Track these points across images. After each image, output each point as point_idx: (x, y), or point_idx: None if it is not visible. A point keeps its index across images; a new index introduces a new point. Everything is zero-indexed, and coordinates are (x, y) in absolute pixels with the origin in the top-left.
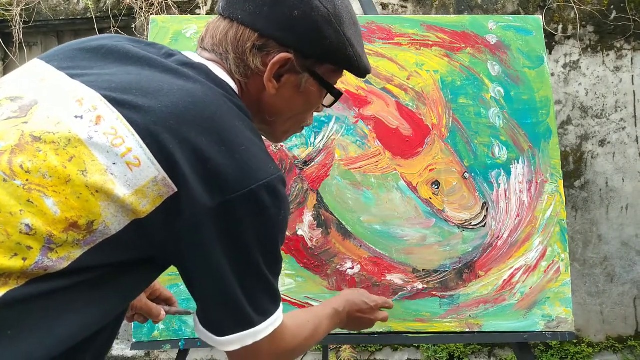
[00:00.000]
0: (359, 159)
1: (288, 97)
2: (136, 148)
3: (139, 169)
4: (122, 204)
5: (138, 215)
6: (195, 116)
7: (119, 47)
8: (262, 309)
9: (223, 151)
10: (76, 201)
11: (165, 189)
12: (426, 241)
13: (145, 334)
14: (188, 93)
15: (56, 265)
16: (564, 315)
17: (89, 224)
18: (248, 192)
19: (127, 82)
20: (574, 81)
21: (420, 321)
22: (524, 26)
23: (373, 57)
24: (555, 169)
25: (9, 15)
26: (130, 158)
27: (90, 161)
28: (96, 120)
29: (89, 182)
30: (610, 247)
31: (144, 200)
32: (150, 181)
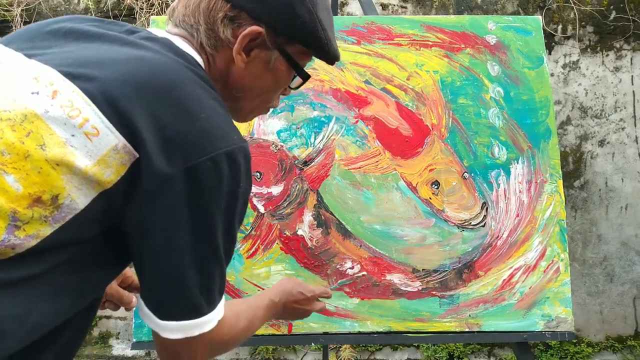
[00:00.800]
0: (359, 159)
1: (256, 73)
2: (93, 118)
3: (98, 139)
4: (85, 175)
5: (104, 187)
6: (153, 84)
7: (79, 27)
8: (212, 297)
9: (182, 118)
10: (37, 176)
11: (127, 157)
12: (426, 241)
13: (145, 333)
14: (146, 62)
15: (24, 243)
16: (564, 315)
17: (53, 199)
18: (207, 159)
19: (84, 57)
20: (574, 81)
21: (420, 321)
22: (523, 26)
23: (373, 57)
24: (554, 169)
25: (10, 15)
26: (88, 128)
27: (48, 135)
28: (52, 95)
29: (49, 155)
30: (609, 247)
31: (107, 170)
32: (111, 150)
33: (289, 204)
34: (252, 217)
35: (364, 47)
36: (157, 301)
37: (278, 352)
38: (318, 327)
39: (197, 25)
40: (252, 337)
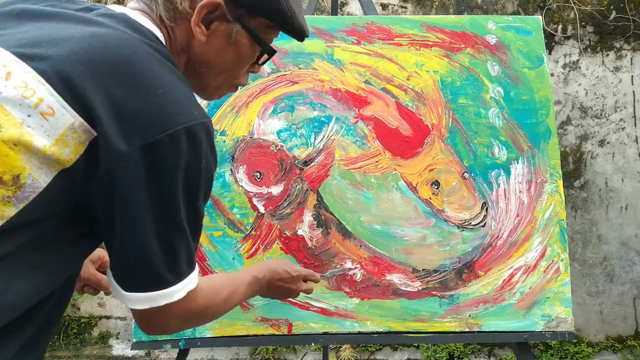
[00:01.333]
0: (359, 159)
1: (218, 47)
2: (48, 97)
3: (54, 118)
4: (44, 155)
5: (64, 165)
6: (107, 60)
7: (33, 7)
8: (178, 269)
9: (139, 95)
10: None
11: (85, 135)
12: (426, 241)
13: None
14: (99, 38)
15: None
16: (564, 315)
17: (14, 179)
18: (166, 136)
19: (38, 37)
20: (574, 81)
21: (420, 321)
22: (523, 26)
23: (373, 57)
24: (554, 169)
25: None
26: (43, 108)
27: (3, 116)
28: (6, 77)
29: (5, 136)
30: (609, 247)
31: (65, 149)
32: (67, 128)
33: (289, 204)
34: (252, 217)
35: (364, 47)
36: (122, 274)
37: (278, 352)
38: (318, 327)
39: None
40: (252, 337)
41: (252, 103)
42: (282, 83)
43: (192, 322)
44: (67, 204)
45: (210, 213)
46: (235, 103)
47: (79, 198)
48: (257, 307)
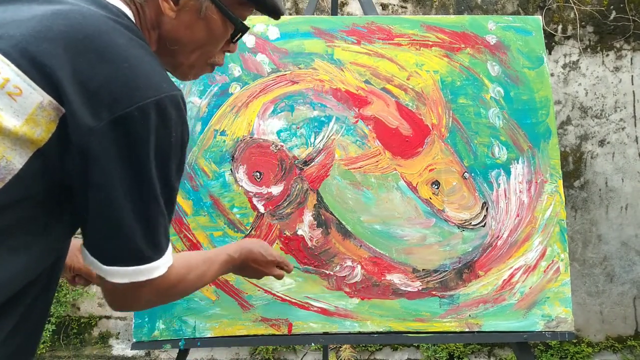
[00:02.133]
0: (359, 159)
1: (188, 22)
2: (13, 77)
3: (22, 98)
4: (16, 135)
5: (38, 145)
6: (71, 37)
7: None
8: (158, 244)
9: (105, 69)
10: None
11: (54, 113)
12: (426, 241)
13: (145, 333)
14: (62, 15)
15: None
16: (564, 315)
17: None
18: (134, 109)
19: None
20: (574, 81)
21: (420, 321)
22: (523, 26)
23: (373, 57)
24: (554, 169)
25: None
26: (10, 88)
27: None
28: None
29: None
30: (609, 247)
31: (37, 129)
32: (37, 107)
33: (289, 204)
34: (252, 217)
35: (364, 47)
36: (102, 249)
37: (278, 352)
38: (318, 327)
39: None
40: (252, 337)
41: (252, 103)
42: (282, 83)
43: (162, 299)
44: (46, 184)
45: (210, 213)
46: (235, 103)
47: (56, 177)
48: (257, 307)
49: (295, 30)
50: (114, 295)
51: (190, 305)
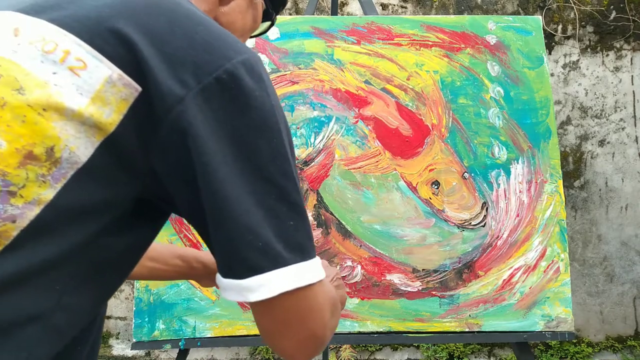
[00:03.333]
0: (359, 159)
1: (242, 8)
2: (75, 48)
3: (86, 72)
4: (81, 118)
5: (106, 131)
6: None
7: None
8: (296, 241)
9: (181, 32)
10: (21, 126)
11: (127, 90)
12: (426, 241)
13: (145, 333)
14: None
15: (25, 212)
16: (564, 315)
17: (48, 152)
18: (223, 72)
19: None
20: (574, 81)
21: (420, 321)
22: (523, 26)
23: (373, 57)
24: (554, 169)
25: None
26: (71, 61)
27: (23, 76)
28: (14, 33)
29: (30, 100)
30: (609, 247)
31: (106, 109)
32: (105, 82)
33: None
34: None
35: (364, 47)
36: (235, 260)
37: None
38: None
39: None
40: (252, 337)
41: None
42: (282, 83)
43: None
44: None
45: None
46: None
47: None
48: None
49: (295, 30)
50: (275, 324)
51: (190, 305)
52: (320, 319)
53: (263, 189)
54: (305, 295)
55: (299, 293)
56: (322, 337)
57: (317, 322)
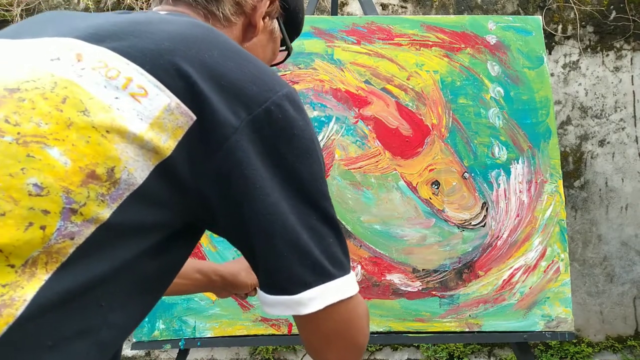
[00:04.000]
0: (359, 159)
1: (264, 42)
2: (137, 76)
3: (147, 99)
4: (141, 142)
5: (162, 156)
6: (189, 35)
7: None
8: (337, 257)
9: (233, 66)
10: (86, 146)
11: (183, 118)
12: (426, 241)
13: (145, 333)
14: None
15: (82, 230)
16: (564, 315)
17: (109, 172)
18: (271, 103)
19: (98, 24)
20: (574, 81)
21: (420, 321)
22: (523, 26)
23: (373, 57)
24: (554, 169)
25: (10, 15)
26: (133, 88)
27: (88, 99)
28: (77, 58)
29: (95, 122)
30: (609, 247)
31: (163, 135)
32: (163, 110)
33: None
34: None
35: (364, 47)
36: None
37: (278, 352)
38: None
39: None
40: (252, 337)
41: None
42: None
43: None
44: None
45: None
46: None
47: (181, 204)
48: (257, 307)
49: None
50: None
51: (190, 305)
52: (361, 328)
53: (307, 211)
54: (346, 307)
55: (341, 305)
56: (362, 346)
57: (358, 331)
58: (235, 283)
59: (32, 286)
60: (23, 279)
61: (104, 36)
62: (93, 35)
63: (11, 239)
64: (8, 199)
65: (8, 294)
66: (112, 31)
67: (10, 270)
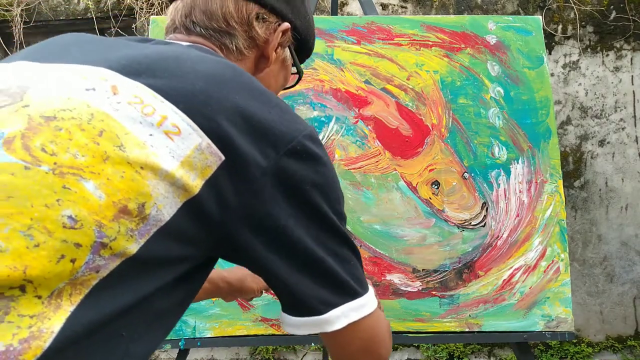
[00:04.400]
0: (359, 159)
1: (276, 71)
2: (172, 115)
3: (179, 137)
4: (172, 179)
5: (190, 194)
6: (222, 77)
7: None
8: (358, 277)
9: (260, 107)
10: (120, 181)
11: (212, 158)
12: (426, 241)
13: None
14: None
15: (108, 264)
16: (564, 315)
17: (140, 208)
18: (297, 143)
19: (130, 56)
20: (574, 81)
21: (420, 321)
22: (523, 26)
23: (373, 57)
24: (554, 169)
25: (10, 15)
26: (168, 126)
27: (123, 134)
28: (112, 90)
29: (130, 157)
30: (609, 247)
31: (192, 173)
32: (195, 149)
33: None
34: None
35: (364, 47)
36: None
37: (278, 352)
38: None
39: (230, 29)
40: (252, 337)
41: None
42: None
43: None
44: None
45: None
46: None
47: (205, 239)
48: (257, 307)
49: None
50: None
51: (190, 305)
52: (383, 340)
53: (330, 238)
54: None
55: (364, 321)
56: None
57: (379, 344)
58: (242, 288)
59: (59, 318)
60: (49, 310)
61: (138, 70)
62: (126, 68)
63: (43, 270)
64: (43, 230)
65: (36, 325)
66: (145, 65)
67: (37, 301)
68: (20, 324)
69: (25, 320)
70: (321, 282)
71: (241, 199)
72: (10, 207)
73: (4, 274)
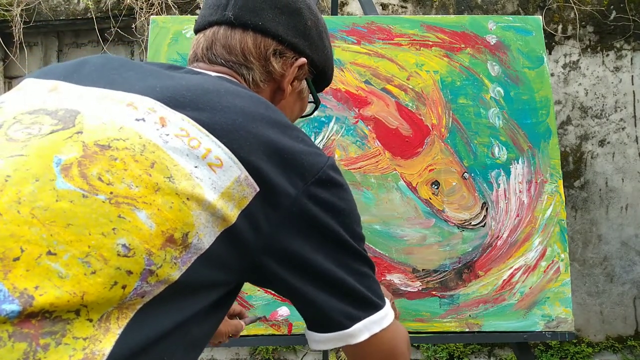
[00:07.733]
0: (359, 159)
1: (292, 102)
2: (215, 148)
3: (221, 170)
4: (213, 210)
5: (228, 223)
6: (258, 113)
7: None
8: (376, 290)
9: (289, 141)
10: (169, 212)
11: (248, 189)
12: (426, 241)
13: None
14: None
15: (153, 290)
16: (564, 315)
17: (183, 237)
18: (322, 173)
19: (173, 87)
20: (574, 81)
21: (420, 321)
22: (523, 26)
23: (373, 57)
24: (554, 169)
25: (10, 15)
26: (211, 159)
27: (172, 166)
28: (161, 122)
29: (179, 188)
30: (609, 247)
31: (230, 204)
32: (234, 181)
33: None
34: None
35: (364, 47)
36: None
37: (278, 352)
38: None
39: (245, 62)
40: (252, 337)
41: None
42: None
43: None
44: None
45: None
46: None
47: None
48: (257, 307)
49: None
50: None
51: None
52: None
53: (352, 260)
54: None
55: (385, 333)
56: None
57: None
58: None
59: (109, 340)
60: (100, 333)
61: (182, 103)
62: (172, 100)
63: (98, 296)
64: (99, 258)
65: (89, 347)
66: (188, 98)
67: (89, 324)
68: (76, 346)
69: (79, 343)
70: (345, 299)
71: (271, 226)
72: (69, 234)
73: (64, 299)
